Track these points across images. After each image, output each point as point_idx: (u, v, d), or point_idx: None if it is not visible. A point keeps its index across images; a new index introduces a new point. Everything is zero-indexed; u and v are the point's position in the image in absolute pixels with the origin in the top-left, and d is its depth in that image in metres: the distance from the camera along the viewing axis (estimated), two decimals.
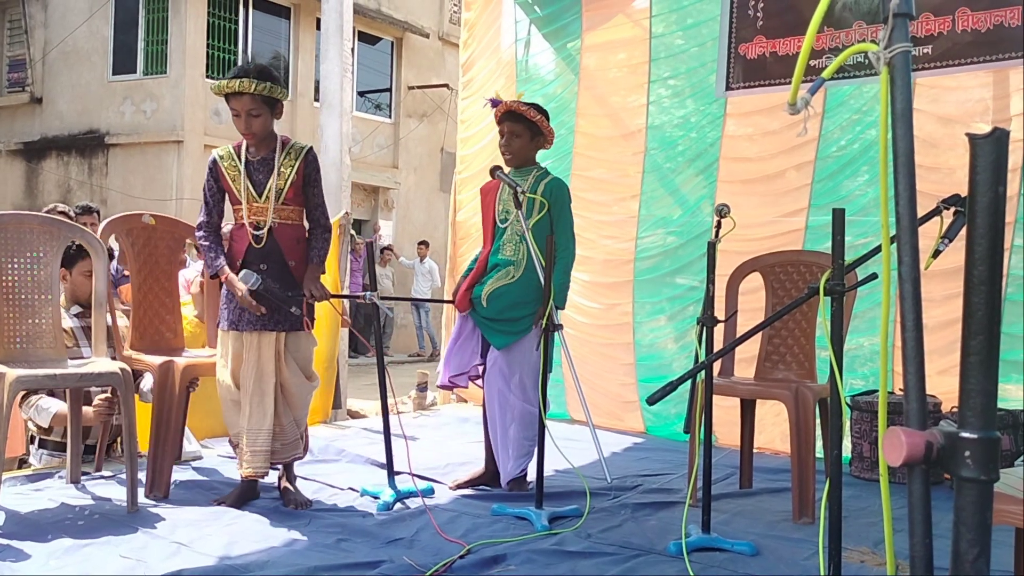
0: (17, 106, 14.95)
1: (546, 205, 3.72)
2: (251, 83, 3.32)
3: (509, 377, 3.77)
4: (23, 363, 3.28)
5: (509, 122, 3.82)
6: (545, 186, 3.78)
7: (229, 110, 3.42)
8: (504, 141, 3.84)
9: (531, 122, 3.79)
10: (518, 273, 3.78)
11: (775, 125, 5.06)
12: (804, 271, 3.89)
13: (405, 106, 16.90)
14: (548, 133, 3.85)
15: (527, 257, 3.76)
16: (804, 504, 3.44)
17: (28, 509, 3.32)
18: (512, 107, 3.79)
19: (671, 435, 5.25)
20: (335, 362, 5.88)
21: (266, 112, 3.42)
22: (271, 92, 3.38)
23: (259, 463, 3.43)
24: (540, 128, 3.81)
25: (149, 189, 13.54)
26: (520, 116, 3.79)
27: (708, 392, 3.13)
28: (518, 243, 3.79)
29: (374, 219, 16.11)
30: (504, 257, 3.83)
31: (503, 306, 3.76)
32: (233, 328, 3.45)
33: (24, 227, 3.50)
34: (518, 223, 3.75)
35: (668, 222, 5.52)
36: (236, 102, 3.37)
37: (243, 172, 3.44)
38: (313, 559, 2.84)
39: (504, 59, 6.25)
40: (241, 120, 3.40)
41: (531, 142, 3.84)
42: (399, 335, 15.68)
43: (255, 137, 3.42)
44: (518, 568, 2.84)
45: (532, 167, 3.88)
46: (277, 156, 3.46)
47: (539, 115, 3.80)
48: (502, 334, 3.77)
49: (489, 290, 3.80)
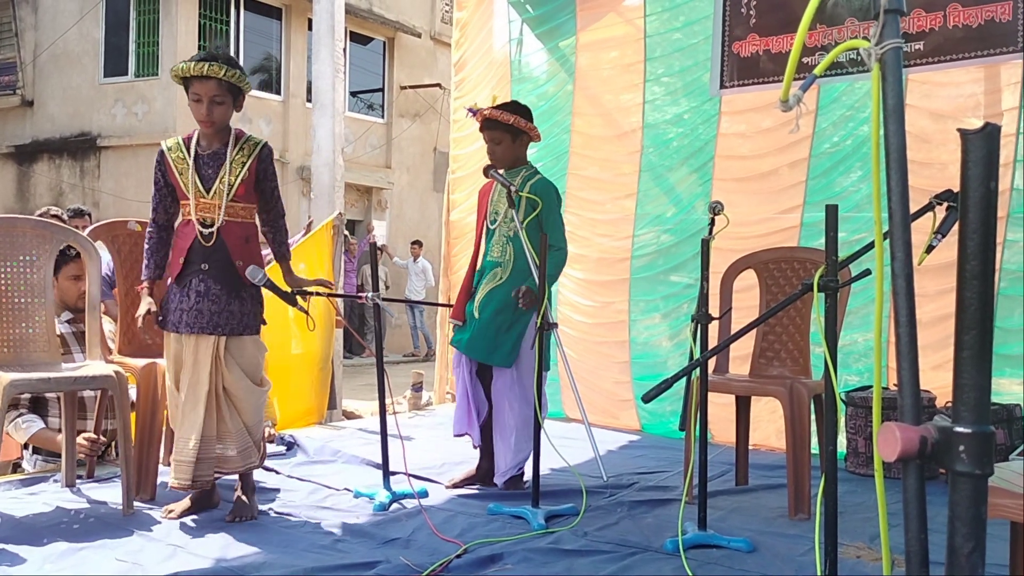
0: (8, 109, 14.90)
1: (538, 204, 3.71)
2: (220, 68, 3.16)
3: (516, 381, 3.78)
4: (17, 367, 3.28)
5: (488, 130, 3.83)
6: (531, 187, 3.78)
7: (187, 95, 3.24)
8: (489, 149, 3.86)
9: (508, 125, 3.79)
10: (506, 274, 3.78)
11: (769, 123, 5.07)
12: (798, 267, 3.90)
13: (398, 106, 16.89)
14: (530, 131, 3.85)
15: (514, 258, 3.77)
16: (800, 500, 3.45)
17: (23, 513, 3.31)
18: (488, 115, 3.80)
19: (666, 433, 5.26)
20: (330, 363, 5.87)
21: (229, 101, 3.26)
22: (238, 80, 3.23)
23: (182, 474, 3.20)
24: (519, 128, 3.81)
25: (141, 191, 13.49)
26: (496, 123, 3.79)
27: (703, 389, 3.14)
28: (505, 244, 3.80)
29: (368, 219, 16.09)
30: (492, 259, 3.84)
31: (494, 310, 3.75)
32: (173, 329, 3.27)
33: (16, 230, 3.49)
34: (505, 224, 3.78)
35: (663, 220, 5.52)
36: (200, 86, 3.19)
37: (191, 166, 3.27)
38: (309, 560, 2.83)
39: (497, 59, 6.25)
40: (202, 106, 3.21)
41: (514, 144, 3.85)
42: (393, 335, 15.67)
43: (214, 126, 3.26)
44: (515, 567, 2.84)
45: (521, 167, 3.88)
46: (229, 150, 3.29)
47: (514, 116, 3.79)
48: (501, 352, 3.75)
49: (480, 297, 3.80)
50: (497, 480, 3.87)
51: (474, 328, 3.79)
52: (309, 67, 12.71)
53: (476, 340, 3.78)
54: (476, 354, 3.80)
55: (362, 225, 15.75)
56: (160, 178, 3.34)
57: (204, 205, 3.25)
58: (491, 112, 3.79)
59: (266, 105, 14.87)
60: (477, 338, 3.78)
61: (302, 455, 4.47)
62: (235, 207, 3.28)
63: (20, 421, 3.83)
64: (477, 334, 3.78)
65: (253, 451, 3.35)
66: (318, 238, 5.84)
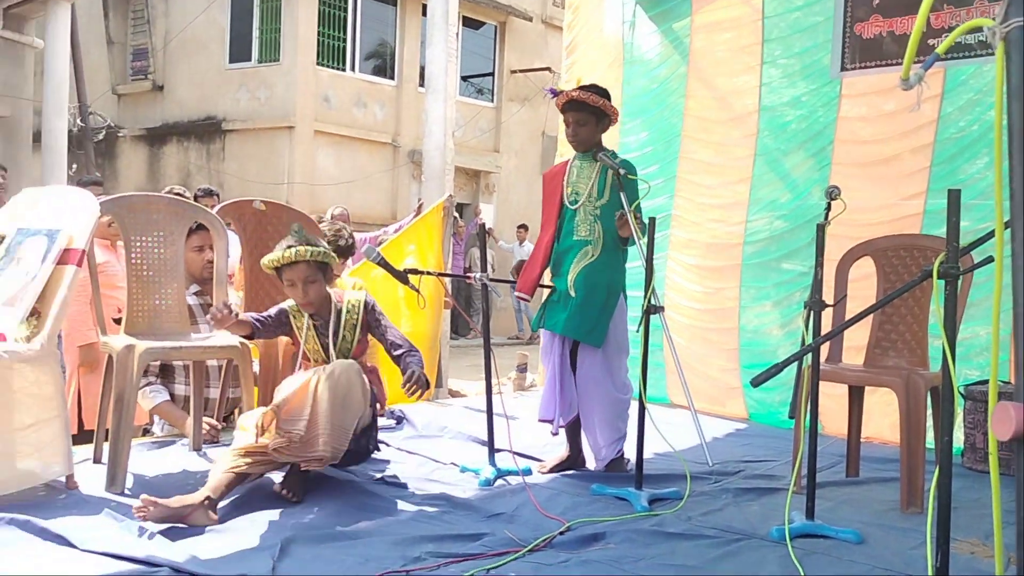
0: (140, 93, 15.66)
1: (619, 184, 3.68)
2: (305, 251, 3.33)
3: (603, 362, 3.78)
4: (150, 336, 3.48)
5: (573, 112, 3.80)
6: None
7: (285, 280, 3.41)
8: (571, 131, 3.83)
9: (595, 108, 3.77)
10: (597, 251, 3.77)
11: (892, 106, 4.91)
12: (918, 255, 3.78)
13: (507, 90, 16.99)
14: (613, 114, 3.83)
15: (603, 235, 3.76)
16: (913, 493, 3.36)
17: (153, 473, 3.53)
18: (574, 96, 3.76)
19: (774, 422, 5.18)
20: (438, 342, 6.00)
21: (320, 277, 3.41)
22: (325, 257, 3.40)
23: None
24: (605, 111, 3.79)
25: (263, 173, 14.02)
26: (584, 104, 3.77)
27: (815, 377, 3.09)
28: (593, 223, 3.78)
29: (475, 203, 16.28)
30: (580, 238, 3.80)
31: (589, 288, 3.74)
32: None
33: (152, 207, 3.69)
34: (590, 203, 3.77)
35: (777, 206, 5.42)
36: (291, 272, 3.36)
37: (313, 333, 3.46)
38: (418, 529, 2.93)
39: (609, 41, 6.23)
40: (298, 289, 3.39)
41: (597, 127, 3.83)
42: (498, 318, 15.83)
43: (313, 305, 3.43)
44: (617, 547, 2.87)
45: (600, 149, 3.86)
46: (332, 320, 3.46)
47: (602, 99, 3.77)
48: (594, 332, 3.74)
49: (573, 276, 3.78)
50: (597, 463, 3.88)
51: (571, 307, 3.76)
52: (422, 52, 12.93)
53: (573, 319, 3.74)
54: (575, 333, 3.77)
55: (470, 208, 15.95)
56: (285, 320, 3.50)
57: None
58: (579, 94, 3.75)
59: (380, 90, 15.19)
60: (575, 317, 3.74)
61: (410, 429, 4.60)
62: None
63: (148, 390, 4.06)
64: (574, 313, 3.74)
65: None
66: (428, 220, 5.97)
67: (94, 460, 3.60)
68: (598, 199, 3.75)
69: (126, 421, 3.29)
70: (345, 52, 14.72)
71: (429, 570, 2.55)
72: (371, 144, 14.96)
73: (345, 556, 2.62)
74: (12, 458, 3.13)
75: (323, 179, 14.19)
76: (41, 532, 2.69)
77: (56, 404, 3.16)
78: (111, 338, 3.45)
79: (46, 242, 3.27)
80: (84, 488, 3.23)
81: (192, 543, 2.70)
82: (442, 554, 2.68)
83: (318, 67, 14.23)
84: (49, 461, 3.16)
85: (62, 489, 3.20)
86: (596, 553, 2.81)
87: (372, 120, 15.07)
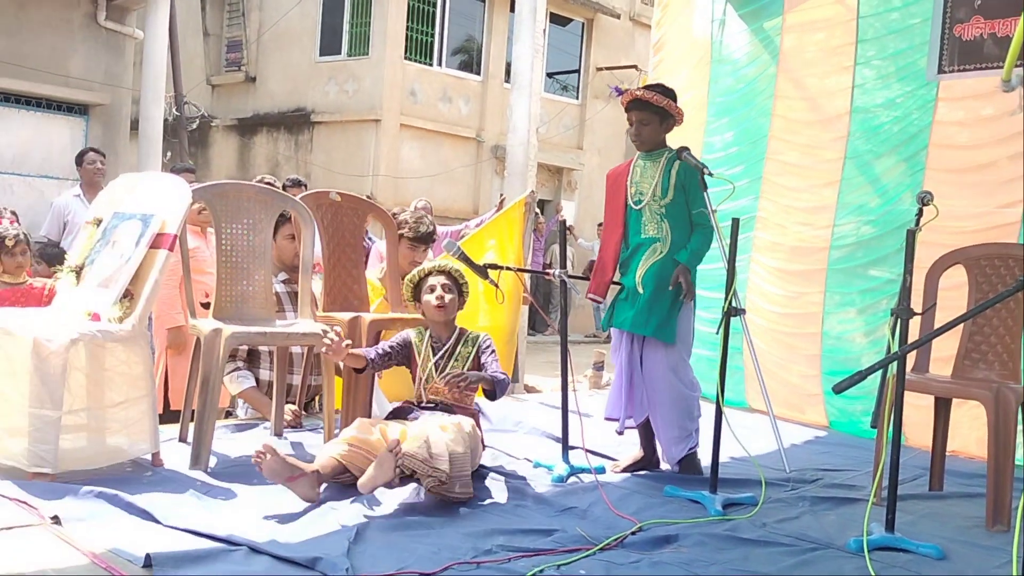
0: (233, 84, 16.08)
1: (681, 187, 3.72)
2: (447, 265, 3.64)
3: (666, 359, 3.76)
4: (237, 321, 3.58)
5: (637, 111, 3.79)
6: (680, 166, 3.74)
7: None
8: (634, 130, 3.82)
9: (659, 107, 3.74)
10: (665, 248, 3.76)
11: (991, 111, 4.74)
12: (1013, 265, 3.63)
13: (593, 87, 16.92)
14: (678, 115, 3.80)
15: (671, 233, 3.75)
16: (999, 510, 3.25)
17: (237, 454, 3.63)
18: (638, 96, 3.74)
19: (856, 431, 5.06)
20: (515, 337, 6.02)
21: (456, 293, 3.63)
22: (462, 278, 3.66)
23: None
24: (669, 111, 3.76)
25: (349, 165, 14.26)
26: (648, 103, 3.74)
27: (900, 386, 3.00)
28: (660, 221, 3.77)
29: (557, 200, 16.26)
30: (649, 236, 3.80)
31: (658, 284, 3.72)
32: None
33: (243, 195, 3.79)
34: (655, 203, 3.76)
35: (866, 211, 5.28)
36: (434, 279, 3.61)
37: (430, 352, 3.60)
38: (490, 522, 2.95)
39: (697, 40, 6.16)
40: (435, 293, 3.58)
41: (661, 126, 3.81)
42: (576, 315, 15.77)
43: (444, 312, 3.58)
44: (689, 550, 2.84)
45: (663, 150, 3.84)
46: (452, 343, 3.60)
47: (667, 99, 3.75)
48: (664, 328, 3.72)
49: (641, 273, 3.76)
50: (669, 463, 3.85)
51: (639, 304, 3.74)
52: (509, 48, 12.96)
53: (641, 315, 3.73)
54: (643, 329, 3.75)
55: (551, 205, 15.95)
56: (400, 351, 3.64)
57: (432, 389, 3.55)
58: (643, 93, 3.74)
59: (465, 85, 15.30)
60: (643, 313, 3.73)
61: (485, 423, 4.60)
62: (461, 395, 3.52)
63: (236, 375, 4.18)
64: (642, 309, 3.73)
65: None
66: (509, 215, 5.99)
67: (179, 439, 3.73)
68: (662, 198, 3.75)
69: (211, 403, 3.39)
70: (432, 47, 14.87)
71: (499, 563, 2.56)
72: (455, 139, 15.08)
73: (418, 544, 2.65)
74: (102, 434, 3.26)
75: (407, 172, 14.36)
76: (127, 506, 2.79)
77: (145, 384, 3.28)
78: (199, 322, 3.56)
79: (140, 226, 3.39)
80: (169, 466, 3.34)
81: (271, 526, 2.77)
82: (513, 548, 2.69)
83: (406, 61, 14.40)
84: (136, 439, 3.28)
85: (148, 466, 3.32)
86: (667, 555, 2.79)
87: (457, 115, 15.19)
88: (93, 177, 6.52)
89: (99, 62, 9.92)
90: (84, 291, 3.41)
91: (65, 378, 3.03)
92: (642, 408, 3.85)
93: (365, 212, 4.39)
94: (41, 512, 2.68)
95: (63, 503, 2.76)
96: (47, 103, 9.71)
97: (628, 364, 3.85)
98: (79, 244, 3.65)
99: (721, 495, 3.38)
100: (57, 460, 3.00)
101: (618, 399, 3.89)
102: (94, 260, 3.47)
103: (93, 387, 3.24)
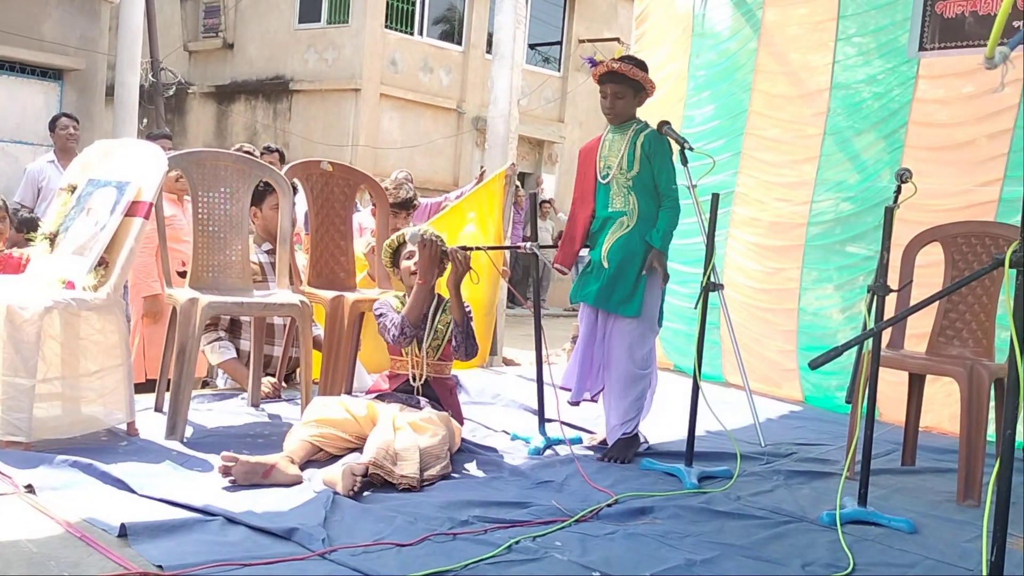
0: (211, 51, 15.86)
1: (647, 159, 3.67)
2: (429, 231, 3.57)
3: (627, 335, 3.70)
4: (214, 291, 3.55)
5: (612, 83, 3.73)
6: (645, 137, 3.69)
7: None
8: (608, 103, 3.76)
9: (633, 80, 3.70)
10: (632, 222, 3.70)
11: (971, 89, 4.75)
12: (989, 244, 3.67)
13: (575, 60, 16.82)
14: (651, 88, 3.76)
15: (638, 206, 3.70)
16: (970, 485, 3.30)
17: (213, 424, 3.62)
18: (613, 68, 3.70)
19: (830, 406, 5.11)
20: (494, 309, 6.02)
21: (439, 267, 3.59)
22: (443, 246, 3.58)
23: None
24: (643, 84, 3.73)
25: (328, 135, 14.14)
26: (623, 76, 3.70)
27: (875, 362, 3.03)
28: (627, 195, 3.72)
29: (537, 172, 16.23)
30: (616, 209, 3.74)
31: (622, 258, 3.67)
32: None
33: (219, 164, 3.75)
34: (621, 175, 3.71)
35: (844, 187, 5.30)
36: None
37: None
38: (467, 493, 2.96)
39: (680, 13, 6.13)
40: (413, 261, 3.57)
41: (634, 99, 3.76)
42: (555, 289, 15.82)
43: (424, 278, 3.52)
44: (664, 522, 2.86)
45: (632, 122, 3.79)
46: (432, 312, 3.56)
47: (642, 72, 3.71)
48: (628, 303, 3.67)
49: (607, 246, 3.71)
50: (608, 437, 3.78)
51: (604, 278, 3.70)
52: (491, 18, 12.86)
53: (605, 290, 3.69)
54: (606, 304, 3.71)
55: (532, 178, 15.92)
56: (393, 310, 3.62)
57: (414, 361, 3.53)
58: (620, 66, 3.69)
59: (447, 55, 15.18)
60: (606, 288, 3.69)
61: (464, 395, 4.63)
62: (439, 365, 3.57)
63: (217, 345, 4.16)
64: (607, 284, 3.69)
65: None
66: (489, 188, 5.96)
67: (155, 409, 3.71)
68: (628, 171, 3.70)
69: (187, 372, 3.37)
70: (414, 16, 14.72)
71: (475, 535, 2.57)
72: (436, 109, 14.98)
73: (395, 515, 2.66)
74: (77, 403, 3.23)
75: (387, 143, 14.27)
76: (102, 476, 2.78)
77: (120, 352, 3.25)
78: (176, 291, 3.53)
79: (115, 194, 3.35)
80: (144, 436, 3.33)
81: (248, 495, 2.76)
82: (489, 519, 2.70)
83: (386, 30, 14.26)
84: (112, 408, 3.26)
85: (123, 436, 3.30)
86: (642, 527, 2.81)
87: (438, 85, 15.07)
88: (66, 143, 6.43)
89: (74, 26, 9.75)
90: (58, 259, 3.36)
91: (39, 346, 3.00)
92: (599, 382, 3.83)
93: (357, 183, 4.35)
94: (15, 481, 2.66)
95: (37, 472, 2.74)
96: (20, 67, 9.54)
97: (588, 336, 3.83)
98: (53, 211, 3.60)
99: (697, 468, 3.40)
100: (31, 429, 2.97)
101: (572, 369, 3.87)
102: (68, 227, 3.43)
103: (68, 356, 3.21)
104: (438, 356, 3.57)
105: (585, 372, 3.83)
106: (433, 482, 3.05)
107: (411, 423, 3.19)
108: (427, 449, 3.09)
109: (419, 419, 3.23)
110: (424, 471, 3.02)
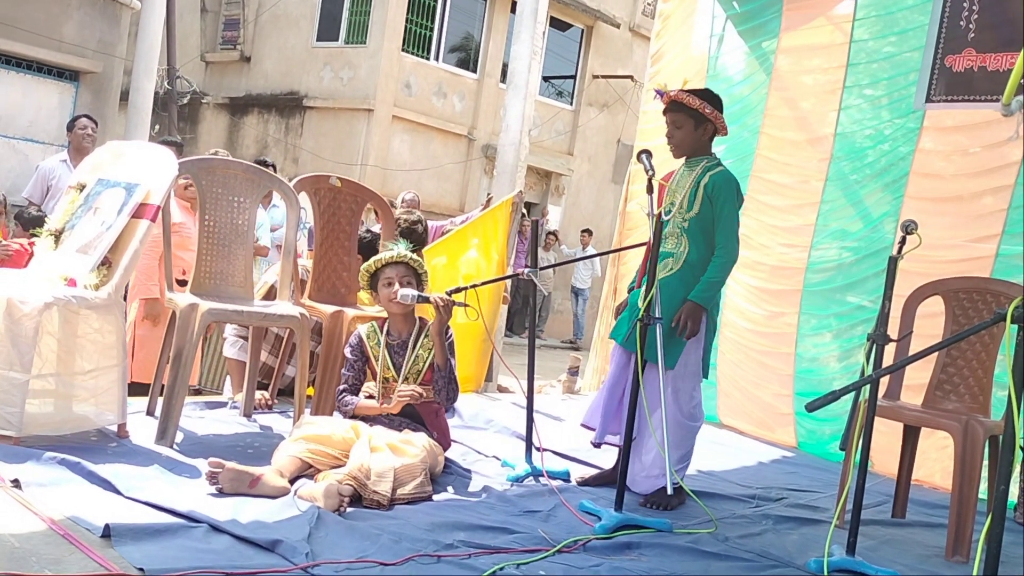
0: (227, 63, 15.97)
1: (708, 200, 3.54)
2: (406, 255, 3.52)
3: (670, 383, 3.53)
4: (215, 298, 3.55)
5: (671, 112, 3.64)
6: (711, 177, 3.58)
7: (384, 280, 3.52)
8: (668, 132, 3.67)
9: (692, 110, 3.59)
10: (677, 265, 3.59)
11: (975, 144, 4.78)
12: (991, 300, 3.67)
13: (587, 94, 16.94)
14: (715, 120, 3.61)
15: (688, 250, 3.58)
16: (959, 541, 3.28)
17: (204, 432, 3.60)
18: (675, 97, 3.60)
19: (823, 454, 5.09)
20: (492, 336, 6.02)
21: (415, 281, 3.53)
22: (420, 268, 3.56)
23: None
24: (703, 115, 3.59)
25: (338, 152, 14.20)
26: (681, 105, 3.60)
27: (871, 411, 3.02)
28: (679, 236, 3.61)
29: (543, 203, 16.28)
30: (666, 250, 3.61)
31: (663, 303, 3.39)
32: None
33: (230, 173, 3.77)
34: (680, 216, 3.59)
35: (845, 235, 5.31)
36: (392, 271, 3.50)
37: (386, 352, 3.52)
38: (453, 516, 2.94)
39: (695, 54, 6.18)
40: (392, 288, 3.48)
41: (695, 131, 3.62)
42: (554, 320, 15.82)
43: (401, 306, 3.49)
44: (649, 559, 2.84)
45: (702, 157, 3.67)
46: (413, 339, 3.53)
47: (701, 101, 3.58)
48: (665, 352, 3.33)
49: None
50: (640, 486, 3.58)
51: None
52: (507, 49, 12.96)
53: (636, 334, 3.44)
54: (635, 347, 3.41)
55: (538, 208, 15.96)
56: (359, 356, 3.57)
57: (392, 388, 3.49)
58: (678, 94, 3.60)
59: (461, 82, 15.28)
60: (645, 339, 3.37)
61: (457, 419, 4.62)
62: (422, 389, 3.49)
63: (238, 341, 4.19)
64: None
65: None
66: (495, 215, 5.99)
67: (147, 413, 3.70)
68: (687, 211, 3.58)
69: (182, 378, 3.36)
70: (431, 41, 14.84)
71: (459, 558, 2.56)
72: (447, 134, 15.06)
73: (380, 533, 2.64)
74: (69, 401, 3.23)
75: (396, 164, 14.32)
76: (89, 475, 2.77)
77: (116, 353, 3.25)
78: (177, 296, 3.53)
79: (124, 195, 3.36)
80: (134, 438, 3.32)
81: (233, 504, 2.75)
82: (474, 544, 2.69)
83: (403, 53, 14.36)
84: (104, 408, 3.25)
85: (113, 437, 3.29)
86: (628, 562, 2.79)
87: (450, 111, 15.16)
88: (82, 142, 6.46)
89: (94, 29, 9.84)
90: (62, 255, 3.37)
91: (36, 341, 3.00)
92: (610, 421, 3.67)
93: (364, 200, 4.36)
94: (1, 475, 2.64)
95: (25, 467, 2.73)
96: (38, 66, 9.61)
97: (617, 377, 3.67)
98: (60, 208, 3.61)
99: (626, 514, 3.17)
100: (22, 423, 2.97)
101: (597, 409, 3.72)
102: (74, 225, 3.44)
103: (64, 353, 3.21)
104: (418, 381, 3.51)
105: (610, 414, 3.67)
106: (408, 500, 3.03)
107: (389, 444, 3.18)
108: (402, 468, 3.08)
109: (398, 440, 3.23)
110: (396, 489, 3.01)
